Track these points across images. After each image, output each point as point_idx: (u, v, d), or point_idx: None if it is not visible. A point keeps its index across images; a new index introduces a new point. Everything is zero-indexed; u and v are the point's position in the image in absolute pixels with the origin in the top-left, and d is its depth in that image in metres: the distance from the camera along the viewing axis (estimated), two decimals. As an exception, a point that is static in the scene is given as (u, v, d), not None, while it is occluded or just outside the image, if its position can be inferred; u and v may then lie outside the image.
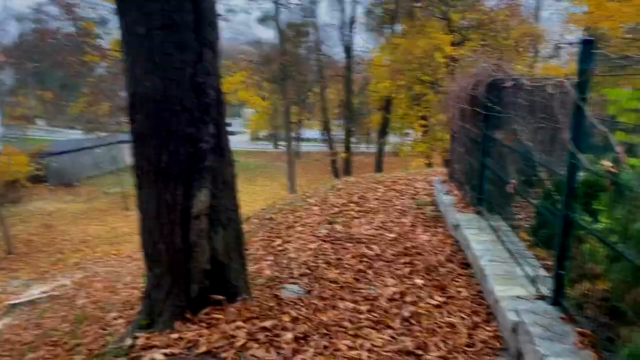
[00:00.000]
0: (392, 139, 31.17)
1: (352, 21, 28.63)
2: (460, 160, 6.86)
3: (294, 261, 5.04)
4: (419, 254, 5.23)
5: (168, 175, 3.41)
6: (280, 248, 5.71)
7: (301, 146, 44.40)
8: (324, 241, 5.73)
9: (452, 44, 23.33)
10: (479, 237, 4.81)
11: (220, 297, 3.57)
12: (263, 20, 30.56)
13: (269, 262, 5.14)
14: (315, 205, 7.92)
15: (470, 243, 4.69)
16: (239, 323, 3.32)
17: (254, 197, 29.46)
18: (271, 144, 50.41)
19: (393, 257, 5.14)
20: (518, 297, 3.52)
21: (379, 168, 26.61)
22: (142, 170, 3.45)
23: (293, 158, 26.35)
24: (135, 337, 3.35)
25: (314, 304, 3.78)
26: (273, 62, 26.36)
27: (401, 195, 8.34)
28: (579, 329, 2.92)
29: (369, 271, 4.67)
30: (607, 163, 2.86)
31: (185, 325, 3.39)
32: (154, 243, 3.49)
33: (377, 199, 8.06)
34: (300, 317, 3.50)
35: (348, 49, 29.14)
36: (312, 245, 5.57)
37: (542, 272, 3.85)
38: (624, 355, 2.55)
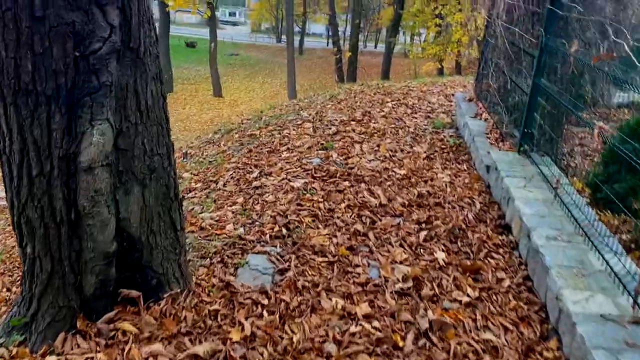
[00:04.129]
0: (404, 38, 28.74)
1: None
2: (496, 76, 5.31)
3: (269, 209, 3.71)
4: (439, 205, 3.89)
5: (36, 97, 1.96)
6: (256, 184, 4.36)
7: (305, 42, 41.75)
8: (314, 177, 4.37)
9: None
10: (528, 194, 3.43)
11: (135, 292, 2.27)
12: None
13: (235, 208, 3.81)
14: (309, 121, 6.47)
15: (516, 203, 3.32)
16: (155, 346, 2.05)
17: (252, 95, 27.81)
18: (273, 37, 47.64)
19: (404, 209, 3.80)
20: (603, 316, 2.23)
21: (386, 70, 24.62)
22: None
23: (293, 55, 24.21)
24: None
25: (284, 301, 2.48)
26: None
27: (413, 113, 6.87)
28: None
29: (370, 234, 3.35)
30: None
31: (73, 341, 2.13)
32: (21, 207, 2.12)
33: (384, 116, 6.59)
34: (259, 333, 2.22)
35: None
36: (298, 183, 4.21)
37: (629, 263, 2.52)
38: None
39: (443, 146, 5.41)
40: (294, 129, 6.10)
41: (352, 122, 6.24)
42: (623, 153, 3.12)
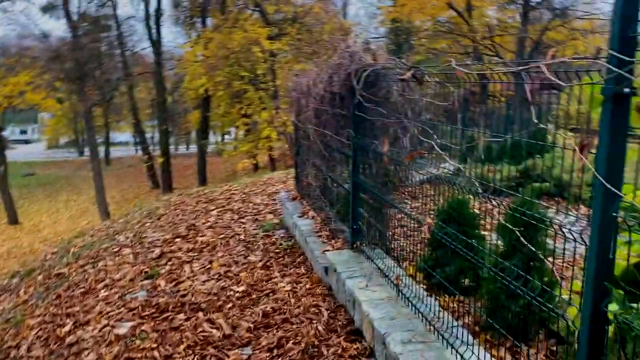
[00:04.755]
0: (214, 138, 29.21)
1: (159, 13, 25.84)
2: (315, 174, 5.44)
3: (91, 372, 3.06)
4: (287, 321, 3.64)
5: None
6: (70, 340, 3.63)
7: (111, 151, 39.86)
8: (142, 317, 3.81)
9: (269, 38, 22.22)
10: (372, 294, 3.38)
11: None
12: (48, 9, 26.00)
13: (46, 381, 3.07)
14: (127, 246, 5.84)
15: (363, 307, 3.23)
16: None
17: (56, 217, 25.05)
18: (75, 151, 44.71)
19: (251, 335, 3.45)
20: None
21: (202, 172, 24.46)
22: None
23: (99, 168, 22.77)
24: None
25: None
26: (65, 58, 22.36)
27: (241, 218, 6.68)
28: None
29: (220, 378, 2.93)
30: None
31: None
32: None
33: (211, 227, 6.28)
34: None
35: (156, 44, 26.29)
36: (124, 329, 3.61)
37: (483, 354, 2.55)
38: None
39: (277, 250, 5.26)
40: (110, 259, 5.42)
41: (177, 240, 5.81)
42: (445, 239, 3.28)
